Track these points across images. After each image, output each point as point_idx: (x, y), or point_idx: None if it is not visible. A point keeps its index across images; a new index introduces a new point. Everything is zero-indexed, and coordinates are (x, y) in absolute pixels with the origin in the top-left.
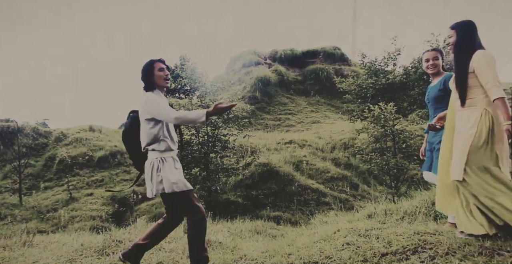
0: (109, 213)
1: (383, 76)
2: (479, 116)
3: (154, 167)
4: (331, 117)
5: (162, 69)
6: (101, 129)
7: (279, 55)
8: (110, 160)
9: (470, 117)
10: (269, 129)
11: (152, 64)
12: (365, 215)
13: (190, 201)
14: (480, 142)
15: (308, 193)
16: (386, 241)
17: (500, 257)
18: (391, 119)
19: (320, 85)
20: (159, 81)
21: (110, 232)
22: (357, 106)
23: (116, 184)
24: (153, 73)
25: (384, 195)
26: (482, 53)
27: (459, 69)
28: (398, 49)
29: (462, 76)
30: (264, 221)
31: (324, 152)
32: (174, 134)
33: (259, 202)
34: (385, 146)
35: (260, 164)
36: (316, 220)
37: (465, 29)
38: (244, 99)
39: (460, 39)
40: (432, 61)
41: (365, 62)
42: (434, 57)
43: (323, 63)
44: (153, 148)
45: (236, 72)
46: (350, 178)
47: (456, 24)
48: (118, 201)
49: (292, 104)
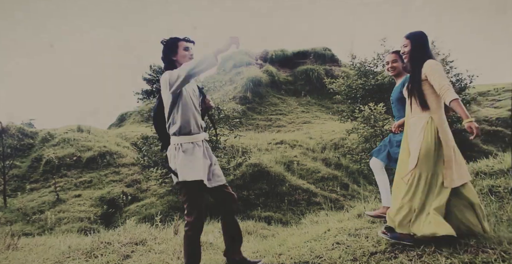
0: (97, 215)
1: (373, 77)
2: (425, 124)
3: (171, 154)
4: (322, 118)
5: (187, 48)
6: (89, 129)
7: (270, 55)
8: (99, 160)
9: (417, 125)
10: (260, 130)
11: (176, 42)
12: (355, 215)
13: (191, 196)
14: (427, 150)
15: (299, 193)
16: (375, 240)
17: (484, 254)
18: (381, 120)
19: (311, 85)
20: (182, 61)
21: (99, 233)
22: (347, 107)
23: (105, 185)
24: (176, 52)
25: (374, 194)
26: (432, 62)
27: (414, 77)
28: (387, 51)
29: (417, 83)
30: (255, 222)
31: (314, 152)
32: (198, 117)
33: (250, 203)
34: (374, 146)
35: (251, 165)
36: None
37: (419, 40)
38: (235, 99)
39: (414, 49)
40: (391, 64)
41: (354, 63)
42: (393, 60)
43: (314, 64)
44: (172, 131)
45: (227, 73)
46: (341, 178)
47: (411, 34)
48: (107, 202)
49: (283, 105)
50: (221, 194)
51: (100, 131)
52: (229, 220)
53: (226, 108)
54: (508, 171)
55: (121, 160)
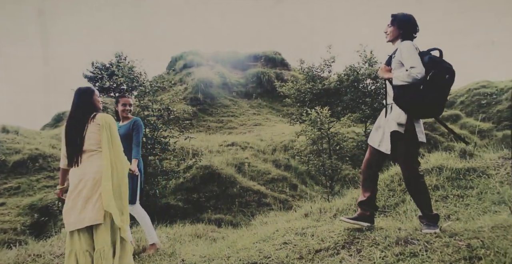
0: (25, 225)
1: (320, 82)
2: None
3: None
4: (272, 120)
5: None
6: (17, 130)
7: (221, 57)
8: (29, 164)
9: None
10: (212, 131)
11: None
12: (302, 214)
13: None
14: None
15: (249, 195)
16: (320, 238)
17: (411, 245)
18: (327, 122)
19: (262, 88)
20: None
21: (26, 245)
22: (296, 110)
23: (36, 191)
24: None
25: (320, 194)
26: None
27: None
28: (333, 57)
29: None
30: (205, 224)
31: (265, 154)
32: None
33: (200, 205)
34: (321, 148)
35: (202, 167)
36: (256, 221)
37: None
38: (186, 100)
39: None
40: (128, 107)
41: (303, 67)
42: (129, 103)
43: (265, 67)
44: None
45: (177, 73)
46: (290, 179)
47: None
48: (39, 210)
49: (234, 107)
50: None
51: (31, 132)
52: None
53: (176, 109)
54: (432, 170)
55: (56, 164)
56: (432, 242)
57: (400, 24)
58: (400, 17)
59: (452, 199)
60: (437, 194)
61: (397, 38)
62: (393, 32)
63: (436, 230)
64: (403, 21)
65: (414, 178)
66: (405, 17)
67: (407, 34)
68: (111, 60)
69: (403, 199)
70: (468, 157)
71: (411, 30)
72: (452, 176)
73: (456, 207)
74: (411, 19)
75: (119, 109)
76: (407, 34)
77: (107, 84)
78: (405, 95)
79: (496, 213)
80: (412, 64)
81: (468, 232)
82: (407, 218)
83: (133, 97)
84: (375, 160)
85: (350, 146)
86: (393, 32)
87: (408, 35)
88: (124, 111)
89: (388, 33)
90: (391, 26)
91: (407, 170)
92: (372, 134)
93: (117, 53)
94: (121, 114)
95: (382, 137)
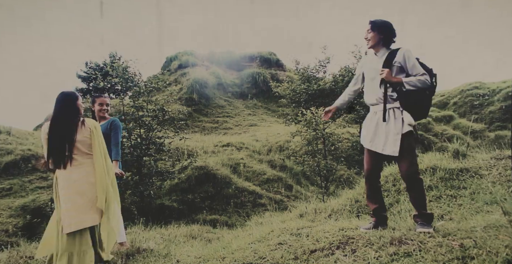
0: (17, 226)
1: (315, 82)
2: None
3: None
4: (268, 121)
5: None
6: (9, 130)
7: (216, 57)
8: (21, 165)
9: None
10: (207, 132)
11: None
12: (297, 215)
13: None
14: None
15: (244, 195)
16: (315, 238)
17: (406, 245)
18: (322, 123)
19: (257, 88)
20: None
21: (18, 247)
22: (291, 110)
23: (29, 192)
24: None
25: (315, 195)
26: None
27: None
28: (328, 58)
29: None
30: (200, 225)
31: (260, 155)
32: None
33: (195, 206)
34: (316, 148)
35: (197, 167)
36: (252, 221)
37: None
38: (181, 100)
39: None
40: (105, 106)
41: (298, 68)
42: (106, 103)
43: (260, 68)
44: None
45: (172, 73)
46: (285, 180)
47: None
48: (31, 212)
49: (229, 107)
50: None
51: (24, 132)
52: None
53: (171, 109)
54: (426, 170)
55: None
56: (426, 242)
57: (380, 30)
58: (379, 23)
59: (445, 199)
60: (430, 194)
61: (379, 44)
62: (374, 38)
63: (430, 230)
64: (383, 27)
65: (417, 174)
66: (384, 23)
67: (387, 40)
68: (105, 60)
69: (397, 199)
70: (461, 157)
71: (391, 35)
72: (445, 177)
73: (449, 207)
74: (390, 25)
75: (95, 109)
76: (388, 39)
77: (101, 85)
78: (417, 100)
79: (489, 213)
80: (422, 70)
81: (461, 232)
82: (401, 218)
83: (128, 98)
84: (377, 167)
85: (345, 147)
86: (373, 38)
87: (389, 41)
88: (101, 111)
89: (369, 38)
90: (371, 32)
91: (413, 165)
92: (371, 140)
93: (111, 53)
94: (98, 114)
95: (386, 140)
